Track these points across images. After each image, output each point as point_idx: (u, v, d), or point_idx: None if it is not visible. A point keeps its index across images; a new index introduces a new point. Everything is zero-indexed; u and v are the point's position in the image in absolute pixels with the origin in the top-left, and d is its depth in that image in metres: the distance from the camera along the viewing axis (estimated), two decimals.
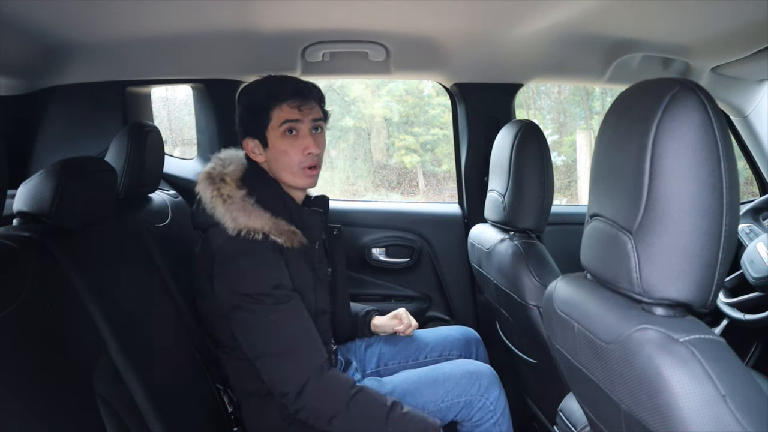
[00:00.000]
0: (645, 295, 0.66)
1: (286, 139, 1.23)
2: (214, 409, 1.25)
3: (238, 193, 1.20)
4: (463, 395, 1.30)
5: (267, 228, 1.17)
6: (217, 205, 1.19)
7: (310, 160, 1.25)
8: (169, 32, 1.40)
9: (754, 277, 1.47)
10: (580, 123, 4.77)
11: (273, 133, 1.24)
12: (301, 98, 1.24)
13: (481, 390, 1.30)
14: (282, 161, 1.24)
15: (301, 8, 1.30)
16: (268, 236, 1.17)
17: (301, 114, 1.24)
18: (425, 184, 4.43)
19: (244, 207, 1.19)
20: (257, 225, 1.17)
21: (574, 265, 0.86)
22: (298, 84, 1.26)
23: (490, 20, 1.38)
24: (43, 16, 1.19)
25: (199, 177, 1.25)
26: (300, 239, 1.22)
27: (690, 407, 0.57)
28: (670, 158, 0.62)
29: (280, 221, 1.20)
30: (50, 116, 1.62)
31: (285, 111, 1.23)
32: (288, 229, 1.21)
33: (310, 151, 1.24)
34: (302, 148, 1.24)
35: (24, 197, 1.05)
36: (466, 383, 1.31)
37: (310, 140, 1.24)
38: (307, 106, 1.25)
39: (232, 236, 1.15)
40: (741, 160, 1.86)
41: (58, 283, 0.96)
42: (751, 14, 1.20)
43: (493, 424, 1.31)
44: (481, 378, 1.32)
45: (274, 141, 1.24)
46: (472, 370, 1.34)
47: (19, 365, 0.79)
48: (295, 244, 1.20)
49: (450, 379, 1.31)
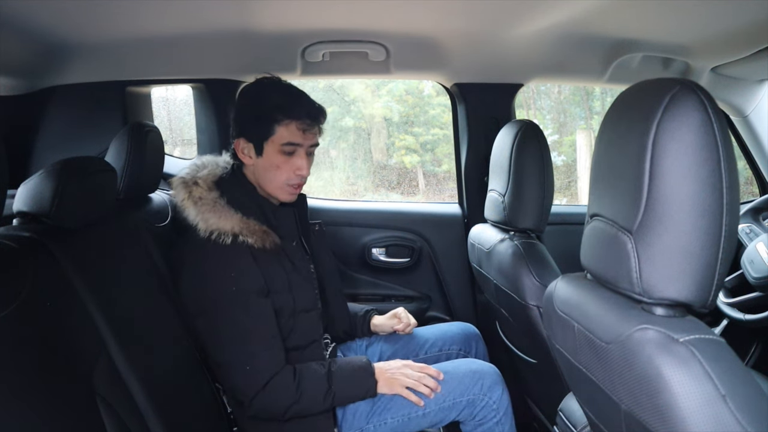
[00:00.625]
0: (645, 295, 0.66)
1: (282, 156, 1.25)
2: (214, 409, 1.25)
3: (209, 194, 1.22)
4: (466, 394, 1.30)
5: (237, 228, 1.19)
6: (189, 207, 1.21)
7: (297, 180, 1.28)
8: (169, 32, 1.40)
9: (754, 277, 1.47)
10: (580, 123, 4.77)
11: (271, 147, 1.25)
12: (309, 122, 1.26)
13: (484, 389, 1.30)
14: (270, 174, 1.26)
15: (301, 8, 1.30)
16: (237, 237, 1.18)
17: (304, 138, 1.26)
18: (425, 184, 4.43)
19: (215, 208, 1.20)
20: (227, 226, 1.18)
21: (574, 265, 0.86)
22: (310, 106, 1.26)
23: (490, 20, 1.38)
24: (43, 16, 1.19)
25: (174, 182, 1.27)
26: (273, 239, 1.23)
27: (690, 407, 0.57)
28: (670, 158, 0.62)
29: (251, 221, 1.22)
30: (50, 116, 1.62)
31: (290, 131, 1.24)
32: (259, 228, 1.22)
33: (301, 173, 1.27)
34: (295, 168, 1.26)
35: (24, 197, 1.05)
36: (469, 382, 1.31)
37: (304, 162, 1.27)
38: (311, 131, 1.27)
39: (203, 239, 1.17)
40: (741, 160, 1.86)
41: (58, 283, 0.96)
42: (751, 14, 1.20)
43: (496, 423, 1.31)
44: (484, 377, 1.32)
45: (269, 153, 1.26)
46: (475, 369, 1.34)
47: (19, 365, 0.79)
48: (268, 244, 1.21)
49: (453, 379, 1.31)
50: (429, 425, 1.31)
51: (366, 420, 1.27)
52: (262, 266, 1.21)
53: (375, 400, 1.27)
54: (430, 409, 1.27)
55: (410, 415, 1.27)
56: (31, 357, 0.82)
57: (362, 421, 1.27)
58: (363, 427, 1.27)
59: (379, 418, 1.27)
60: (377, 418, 1.27)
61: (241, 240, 1.18)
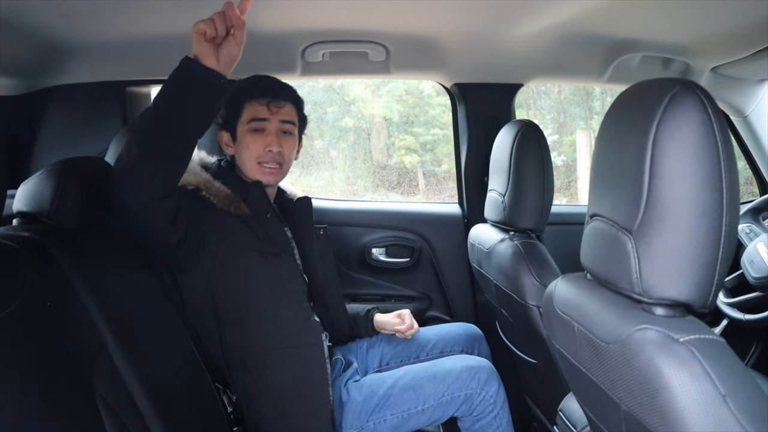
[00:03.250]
0: (645, 295, 0.66)
1: (252, 135, 1.30)
2: (214, 409, 1.25)
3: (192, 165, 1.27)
4: (464, 389, 1.31)
5: (201, 185, 1.23)
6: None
7: (269, 157, 1.31)
8: (169, 32, 1.40)
9: (754, 277, 1.47)
10: (580, 123, 4.77)
11: (242, 128, 1.31)
12: (270, 95, 1.30)
13: (481, 383, 1.31)
14: (243, 155, 1.32)
15: (301, 8, 1.30)
16: (200, 191, 1.23)
17: (269, 113, 1.30)
18: (425, 184, 4.43)
19: (191, 169, 1.25)
20: (192, 180, 1.23)
21: (574, 265, 0.86)
22: (271, 82, 1.33)
23: (490, 20, 1.38)
24: (43, 16, 1.19)
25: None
26: (239, 206, 1.27)
27: (690, 407, 0.57)
28: (670, 158, 0.62)
29: (218, 183, 1.26)
30: (50, 116, 1.62)
31: (254, 107, 1.30)
32: (224, 191, 1.26)
33: (271, 149, 1.30)
34: (264, 144, 1.30)
35: (24, 197, 1.05)
36: (467, 377, 1.32)
37: (274, 138, 1.30)
38: (276, 104, 1.31)
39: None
40: (741, 160, 1.86)
41: (58, 283, 0.96)
42: (751, 14, 1.20)
43: (493, 418, 1.32)
44: (480, 372, 1.33)
45: (241, 135, 1.31)
46: (471, 364, 1.35)
47: (19, 365, 0.79)
48: (233, 210, 1.25)
49: (450, 374, 1.32)
50: (428, 422, 1.32)
51: (366, 418, 1.27)
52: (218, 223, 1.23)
53: (375, 396, 1.28)
54: (429, 405, 1.28)
55: (409, 411, 1.28)
56: (31, 357, 0.81)
57: (363, 419, 1.27)
58: (363, 426, 1.27)
59: (379, 415, 1.27)
60: (377, 416, 1.27)
61: (203, 194, 1.23)
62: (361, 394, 1.30)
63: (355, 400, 1.29)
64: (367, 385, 1.33)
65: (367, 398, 1.29)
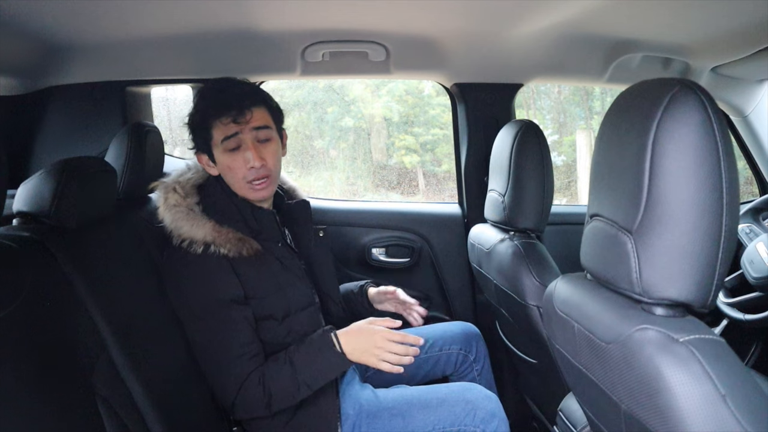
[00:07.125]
0: (645, 295, 0.66)
1: (229, 155, 1.21)
2: (214, 409, 1.25)
3: (185, 201, 1.21)
4: (456, 424, 1.22)
5: (209, 238, 1.17)
6: (164, 214, 1.21)
7: (253, 174, 1.21)
8: (169, 32, 1.40)
9: (754, 277, 1.47)
10: (580, 123, 4.77)
11: (217, 150, 1.22)
12: (234, 110, 1.19)
13: (476, 420, 1.22)
14: (228, 176, 1.24)
15: (301, 8, 1.30)
16: (210, 246, 1.16)
17: (238, 126, 1.20)
18: (425, 184, 4.43)
19: (189, 216, 1.19)
20: (198, 235, 1.16)
21: (574, 265, 0.86)
22: (232, 95, 1.21)
23: (490, 20, 1.38)
24: (43, 16, 1.19)
25: (158, 186, 1.27)
26: (250, 245, 1.20)
27: (690, 407, 0.57)
28: (670, 158, 0.62)
29: (226, 229, 1.19)
30: (50, 116, 1.62)
31: (222, 127, 1.20)
32: (234, 236, 1.19)
33: (253, 165, 1.20)
34: (244, 161, 1.21)
35: (24, 197, 1.05)
36: (460, 411, 1.23)
37: (252, 153, 1.20)
38: (243, 116, 1.20)
39: (176, 247, 1.17)
40: (741, 160, 1.86)
41: (58, 283, 0.96)
42: (751, 14, 1.20)
43: None
44: (478, 408, 1.24)
45: (219, 157, 1.23)
46: (470, 398, 1.26)
47: (19, 365, 0.79)
48: (245, 252, 1.18)
49: (443, 405, 1.24)
50: None
51: None
52: (242, 273, 1.19)
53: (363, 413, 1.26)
54: None
55: None
56: (31, 357, 0.81)
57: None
58: None
59: None
60: None
61: (213, 250, 1.16)
62: (353, 408, 1.27)
63: (346, 412, 1.26)
64: (360, 400, 1.29)
65: (358, 413, 1.26)
